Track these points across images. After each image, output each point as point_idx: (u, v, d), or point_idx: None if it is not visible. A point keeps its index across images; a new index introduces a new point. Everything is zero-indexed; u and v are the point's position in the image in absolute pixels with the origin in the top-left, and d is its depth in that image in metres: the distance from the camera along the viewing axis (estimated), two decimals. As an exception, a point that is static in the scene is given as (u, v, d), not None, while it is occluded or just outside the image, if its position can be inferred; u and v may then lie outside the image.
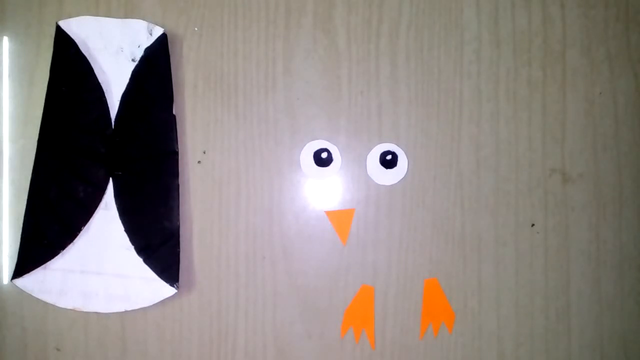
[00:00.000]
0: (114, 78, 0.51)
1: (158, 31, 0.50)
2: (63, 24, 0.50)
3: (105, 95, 0.50)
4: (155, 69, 0.50)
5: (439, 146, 0.52)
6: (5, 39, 0.53)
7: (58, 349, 0.52)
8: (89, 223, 0.50)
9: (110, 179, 0.50)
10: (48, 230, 0.50)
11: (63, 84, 0.50)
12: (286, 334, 0.52)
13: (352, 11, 0.52)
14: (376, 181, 0.52)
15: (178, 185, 0.51)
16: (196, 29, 0.52)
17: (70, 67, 0.50)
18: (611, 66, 0.53)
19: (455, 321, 0.52)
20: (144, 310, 0.51)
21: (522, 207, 0.52)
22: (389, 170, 0.51)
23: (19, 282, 0.50)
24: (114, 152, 0.50)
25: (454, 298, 0.52)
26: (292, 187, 0.52)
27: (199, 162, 0.52)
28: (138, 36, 0.51)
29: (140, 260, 0.50)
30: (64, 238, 0.50)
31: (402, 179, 0.52)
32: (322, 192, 0.52)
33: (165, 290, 0.50)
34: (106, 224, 0.50)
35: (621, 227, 0.52)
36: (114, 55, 0.51)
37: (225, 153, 0.52)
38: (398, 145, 0.52)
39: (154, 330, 0.52)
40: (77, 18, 0.51)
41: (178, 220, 0.50)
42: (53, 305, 0.50)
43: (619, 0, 0.53)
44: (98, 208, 0.50)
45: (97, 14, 0.51)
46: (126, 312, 0.50)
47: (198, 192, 0.52)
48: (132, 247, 0.50)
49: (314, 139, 0.52)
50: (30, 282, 0.50)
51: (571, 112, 0.52)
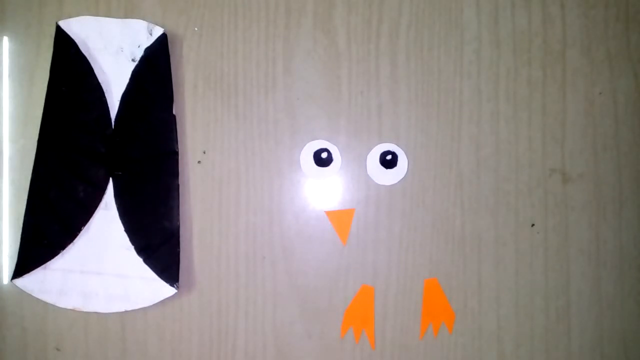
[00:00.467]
0: (114, 78, 0.51)
1: (158, 31, 0.50)
2: (63, 24, 0.50)
3: (105, 95, 0.50)
4: (155, 69, 0.50)
5: (439, 146, 0.52)
6: (5, 39, 0.53)
7: (58, 349, 0.52)
8: (89, 223, 0.50)
9: (110, 179, 0.50)
10: (48, 230, 0.50)
11: (63, 84, 0.50)
12: (286, 334, 0.52)
13: (352, 11, 0.52)
14: (376, 181, 0.52)
15: (178, 185, 0.51)
16: (196, 29, 0.52)
17: (70, 67, 0.50)
18: (611, 66, 0.52)
19: (455, 321, 0.52)
20: (144, 310, 0.51)
21: (522, 207, 0.52)
22: (389, 170, 0.51)
23: (19, 282, 0.50)
24: (114, 152, 0.50)
25: (454, 298, 0.52)
26: (292, 187, 0.52)
27: (199, 162, 0.52)
28: (138, 36, 0.51)
29: (140, 260, 0.50)
30: (64, 238, 0.50)
31: (402, 179, 0.52)
32: (322, 192, 0.52)
33: (165, 290, 0.50)
34: (106, 224, 0.50)
35: (621, 227, 0.52)
36: (114, 55, 0.51)
37: (225, 153, 0.52)
38: (398, 145, 0.52)
39: (154, 330, 0.52)
40: (77, 18, 0.51)
41: (178, 220, 0.50)
42: (53, 305, 0.50)
43: (619, 0, 0.53)
44: (98, 208, 0.50)
45: (97, 14, 0.51)
46: (126, 312, 0.50)
47: (198, 192, 0.52)
48: (132, 247, 0.50)
49: (314, 139, 0.52)
50: (30, 282, 0.50)
51: (571, 112, 0.52)
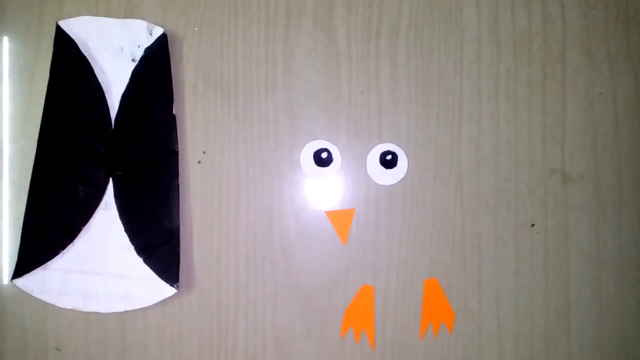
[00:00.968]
0: (114, 78, 0.51)
1: (158, 31, 0.50)
2: (63, 24, 0.50)
3: (105, 95, 0.50)
4: (155, 69, 0.50)
5: (439, 146, 0.52)
6: (5, 39, 0.53)
7: (58, 349, 0.52)
8: (89, 223, 0.50)
9: (110, 179, 0.50)
10: (48, 230, 0.50)
11: (63, 84, 0.50)
12: (286, 334, 0.52)
13: (352, 11, 0.52)
14: (376, 181, 0.52)
15: (178, 185, 0.51)
16: (196, 29, 0.52)
17: (70, 67, 0.50)
18: (611, 66, 0.53)
19: (455, 321, 0.52)
20: (144, 310, 0.51)
21: (522, 207, 0.52)
22: (389, 170, 0.51)
23: (19, 282, 0.50)
24: (114, 152, 0.50)
25: (454, 298, 0.52)
26: (292, 187, 0.52)
27: (199, 162, 0.52)
28: (138, 36, 0.51)
29: (140, 260, 0.50)
30: (64, 238, 0.50)
31: (402, 179, 0.52)
32: (322, 192, 0.52)
33: (165, 290, 0.50)
34: (106, 224, 0.50)
35: (621, 227, 0.52)
36: (114, 55, 0.51)
37: (225, 153, 0.52)
38: (398, 145, 0.52)
39: (154, 330, 0.52)
40: (77, 18, 0.51)
41: (178, 220, 0.50)
42: (53, 305, 0.50)
43: (619, 0, 0.53)
44: (98, 208, 0.50)
45: (97, 14, 0.51)
46: (126, 312, 0.50)
47: (198, 192, 0.52)
48: (132, 247, 0.50)
49: (314, 139, 0.52)
50: (30, 282, 0.50)
51: (571, 112, 0.52)
